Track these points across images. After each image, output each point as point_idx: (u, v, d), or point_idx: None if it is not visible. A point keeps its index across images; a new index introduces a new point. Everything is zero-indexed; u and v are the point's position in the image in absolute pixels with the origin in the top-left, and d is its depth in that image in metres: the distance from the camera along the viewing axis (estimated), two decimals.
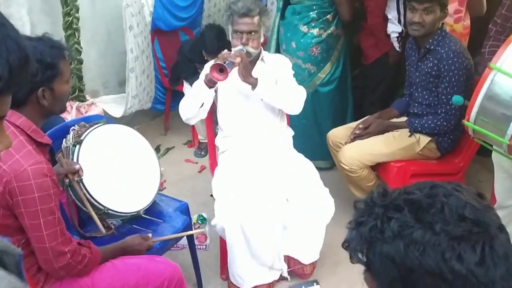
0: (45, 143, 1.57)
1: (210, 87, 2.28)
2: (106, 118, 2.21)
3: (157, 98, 4.12)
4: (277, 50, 3.40)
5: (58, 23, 3.35)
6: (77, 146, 1.91)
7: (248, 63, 2.29)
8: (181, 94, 4.29)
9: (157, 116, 4.45)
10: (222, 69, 2.16)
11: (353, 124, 2.84)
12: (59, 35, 3.33)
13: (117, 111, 3.47)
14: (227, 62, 2.17)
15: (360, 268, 2.76)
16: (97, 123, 2.05)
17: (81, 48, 3.19)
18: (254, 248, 2.24)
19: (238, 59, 2.19)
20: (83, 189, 1.91)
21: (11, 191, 1.44)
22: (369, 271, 0.85)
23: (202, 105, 2.36)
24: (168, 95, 4.18)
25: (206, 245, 2.80)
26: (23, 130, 1.51)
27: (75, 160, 1.93)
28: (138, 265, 1.74)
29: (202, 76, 2.38)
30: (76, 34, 3.08)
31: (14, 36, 0.84)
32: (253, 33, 2.35)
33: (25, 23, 3.14)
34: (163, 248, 2.05)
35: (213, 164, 2.64)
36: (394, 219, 0.79)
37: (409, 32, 2.59)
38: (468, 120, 1.77)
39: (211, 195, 3.27)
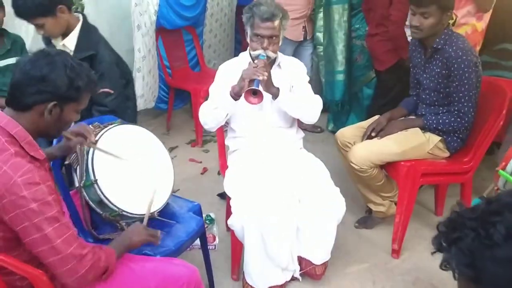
0: (37, 158, 1.47)
1: (236, 100, 2.27)
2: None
3: (160, 97, 4.11)
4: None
5: None
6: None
7: (270, 74, 2.28)
8: (184, 93, 4.30)
9: (159, 115, 4.44)
10: (255, 92, 2.17)
11: (362, 123, 2.84)
12: None
13: None
14: (255, 81, 2.17)
15: (371, 265, 2.79)
16: (112, 124, 2.03)
17: None
18: (270, 248, 2.23)
19: (265, 74, 2.18)
20: (99, 190, 1.89)
21: (5, 206, 1.36)
22: (479, 282, 0.84)
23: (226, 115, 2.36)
24: (171, 94, 4.18)
25: (215, 245, 2.79)
26: (16, 141, 1.44)
27: (89, 162, 1.91)
28: (156, 269, 1.72)
29: (223, 84, 2.35)
30: None
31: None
32: (274, 38, 2.33)
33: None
34: (179, 250, 2.04)
35: (224, 165, 2.62)
36: (498, 222, 0.81)
37: (411, 34, 2.59)
38: (503, 169, 1.77)
39: (218, 195, 3.28)
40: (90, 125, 1.99)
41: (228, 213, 2.87)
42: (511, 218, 0.81)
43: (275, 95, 2.30)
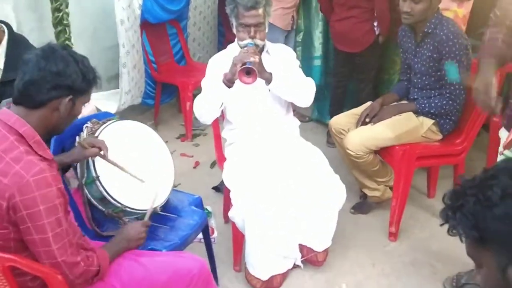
0: (46, 158, 1.46)
1: (229, 87, 2.26)
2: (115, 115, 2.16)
3: (147, 93, 4.07)
4: None
5: (45, 19, 3.27)
6: None
7: (261, 60, 2.27)
8: (170, 88, 4.26)
9: (146, 111, 4.38)
10: (249, 72, 2.16)
11: (355, 110, 2.87)
12: (46, 32, 3.26)
13: (110, 108, 3.40)
14: (247, 63, 2.15)
15: (369, 249, 2.83)
16: (110, 120, 2.01)
17: (72, 44, 3.12)
18: (271, 238, 2.25)
19: (256, 58, 2.17)
20: (101, 186, 1.87)
21: (15, 206, 1.36)
22: (484, 242, 0.91)
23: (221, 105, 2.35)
24: (158, 89, 4.14)
25: (214, 238, 2.79)
26: (25, 140, 1.43)
27: (90, 159, 1.88)
28: (166, 263, 1.71)
29: (214, 76, 2.34)
30: (67, 30, 3.03)
31: None
32: (260, 25, 2.33)
33: (12, 21, 3.03)
34: (184, 243, 2.04)
35: (221, 158, 2.62)
36: (495, 185, 0.90)
37: (402, 20, 2.61)
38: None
39: (213, 188, 3.27)
40: (88, 122, 1.96)
41: (226, 205, 2.89)
42: (505, 180, 0.90)
43: (268, 80, 2.30)
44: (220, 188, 3.25)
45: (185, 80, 3.88)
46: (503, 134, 2.11)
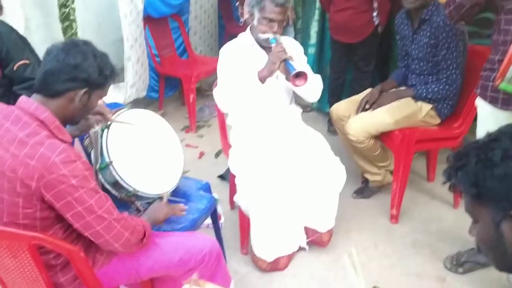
0: (66, 141, 1.54)
1: (262, 83, 2.33)
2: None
3: (151, 86, 4.15)
4: None
5: (51, 15, 3.34)
6: (105, 130, 1.95)
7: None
8: (174, 81, 4.35)
9: (150, 104, 4.46)
10: (298, 74, 2.25)
11: (355, 97, 2.95)
12: (53, 27, 3.34)
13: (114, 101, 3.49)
14: (286, 62, 2.25)
15: (371, 232, 2.92)
16: (122, 109, 2.09)
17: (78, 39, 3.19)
18: (276, 220, 2.33)
19: (290, 55, 2.26)
20: (114, 171, 1.96)
21: (45, 185, 1.43)
22: (480, 198, 0.99)
23: None
24: (162, 82, 4.22)
25: (221, 224, 2.87)
26: (45, 125, 1.51)
27: (104, 144, 1.97)
28: (180, 242, 1.80)
29: (233, 68, 2.41)
30: (74, 25, 3.09)
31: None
32: (283, 21, 2.39)
33: (20, 18, 3.11)
34: (194, 226, 2.12)
35: (226, 144, 2.70)
36: (496, 147, 0.96)
37: (405, 5, 2.68)
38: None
39: (218, 177, 3.36)
40: None
41: (232, 192, 2.97)
42: (507, 142, 0.97)
43: (288, 76, 2.34)
44: (225, 177, 3.34)
45: (188, 72, 3.97)
46: (479, 102, 2.30)
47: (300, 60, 2.50)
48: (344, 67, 3.76)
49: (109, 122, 1.98)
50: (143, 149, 2.08)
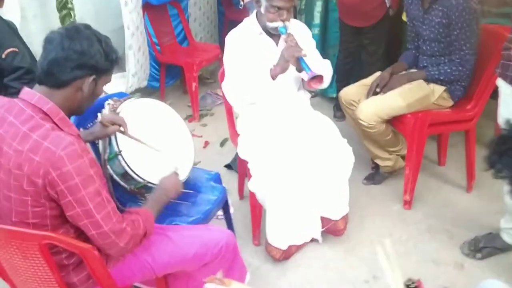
0: (72, 134, 1.45)
1: (274, 80, 2.25)
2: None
3: (152, 75, 4.06)
4: None
5: (48, 5, 3.24)
6: None
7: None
8: (175, 69, 4.25)
9: (151, 94, 4.36)
10: (314, 77, 2.18)
11: (365, 81, 2.87)
12: (50, 17, 3.24)
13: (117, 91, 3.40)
14: (300, 59, 2.17)
15: (385, 219, 2.86)
16: (130, 98, 2.01)
17: (74, 18, 3.10)
18: (293, 206, 2.27)
19: (304, 52, 2.17)
20: (123, 161, 1.88)
21: (51, 182, 1.36)
22: None
23: None
24: (162, 71, 4.13)
25: (231, 215, 2.81)
26: (49, 117, 1.43)
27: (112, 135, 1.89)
28: (195, 237, 1.74)
29: (241, 57, 2.32)
30: (72, 14, 3.00)
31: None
32: (291, 8, 2.29)
33: (15, 7, 3.00)
34: (207, 218, 2.06)
35: (234, 133, 2.62)
36: None
37: None
38: None
39: (225, 166, 3.29)
40: (109, 99, 1.97)
41: (241, 182, 2.91)
42: None
43: (299, 69, 2.27)
44: (232, 166, 3.27)
45: (190, 61, 3.87)
46: (499, 83, 2.22)
47: (309, 46, 2.41)
48: (354, 52, 3.65)
49: (118, 110, 1.90)
50: (152, 139, 2.01)
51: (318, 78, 2.19)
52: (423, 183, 2.99)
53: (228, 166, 3.28)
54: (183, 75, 4.10)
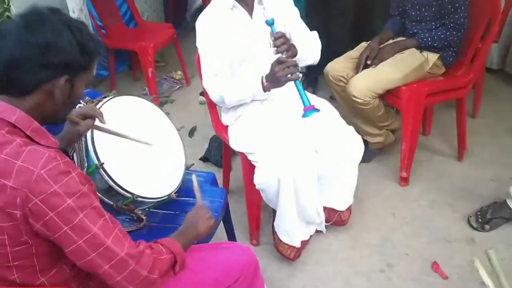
0: (50, 147, 1.13)
1: (265, 91, 2.03)
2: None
3: (100, 63, 3.60)
4: None
5: None
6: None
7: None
8: (123, 55, 3.83)
9: (100, 84, 3.92)
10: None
11: (351, 53, 2.66)
12: None
13: None
14: (296, 83, 1.94)
15: (384, 199, 2.67)
16: (106, 97, 1.66)
17: (12, 16, 2.63)
18: (300, 203, 2.03)
19: (299, 74, 1.94)
20: (105, 175, 1.55)
21: (34, 211, 1.04)
22: None
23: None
24: (111, 57, 3.68)
25: None
26: (20, 130, 1.10)
27: (89, 144, 1.55)
28: (213, 262, 1.44)
29: (218, 44, 2.03)
30: (6, 0, 2.51)
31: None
32: None
33: None
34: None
35: (220, 127, 2.30)
36: None
37: None
38: None
39: (201, 159, 2.98)
40: (80, 101, 1.60)
41: (225, 175, 2.63)
42: None
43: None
44: (208, 158, 2.97)
45: (144, 44, 3.45)
46: None
47: (291, 16, 2.14)
48: (322, 24, 3.39)
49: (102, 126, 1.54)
50: (136, 144, 1.67)
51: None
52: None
53: (204, 159, 2.98)
54: (132, 61, 3.68)
